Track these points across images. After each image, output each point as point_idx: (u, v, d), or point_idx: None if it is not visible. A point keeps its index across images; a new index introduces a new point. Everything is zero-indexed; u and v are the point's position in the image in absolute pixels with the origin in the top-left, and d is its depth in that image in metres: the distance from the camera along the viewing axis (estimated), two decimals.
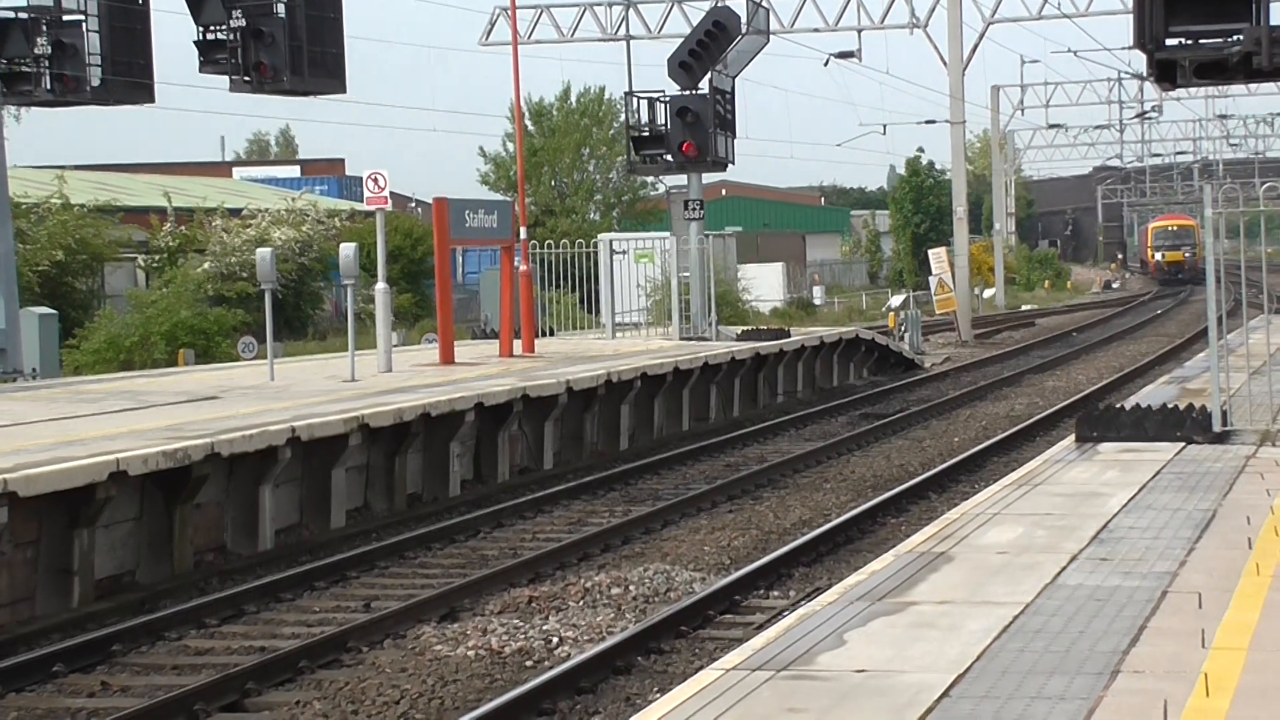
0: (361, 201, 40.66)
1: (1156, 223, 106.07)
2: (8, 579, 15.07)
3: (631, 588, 15.35)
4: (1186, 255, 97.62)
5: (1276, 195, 20.06)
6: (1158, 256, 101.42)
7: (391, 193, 27.27)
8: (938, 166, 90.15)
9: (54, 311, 33.70)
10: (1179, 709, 7.97)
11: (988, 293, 75.38)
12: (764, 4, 38.33)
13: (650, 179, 73.23)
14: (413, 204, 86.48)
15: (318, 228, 50.60)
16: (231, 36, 25.17)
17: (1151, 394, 22.30)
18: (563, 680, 12.07)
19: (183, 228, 49.15)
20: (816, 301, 71.78)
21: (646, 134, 35.17)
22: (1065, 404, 30.56)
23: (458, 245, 36.47)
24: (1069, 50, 69.82)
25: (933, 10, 52.56)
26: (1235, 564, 11.13)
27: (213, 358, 36.26)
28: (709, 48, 34.32)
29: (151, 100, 27.40)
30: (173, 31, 28.02)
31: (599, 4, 51.80)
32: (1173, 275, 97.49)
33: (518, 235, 31.20)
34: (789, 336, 34.71)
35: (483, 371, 26.55)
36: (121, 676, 13.30)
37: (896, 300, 60.28)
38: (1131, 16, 14.74)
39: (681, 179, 37.26)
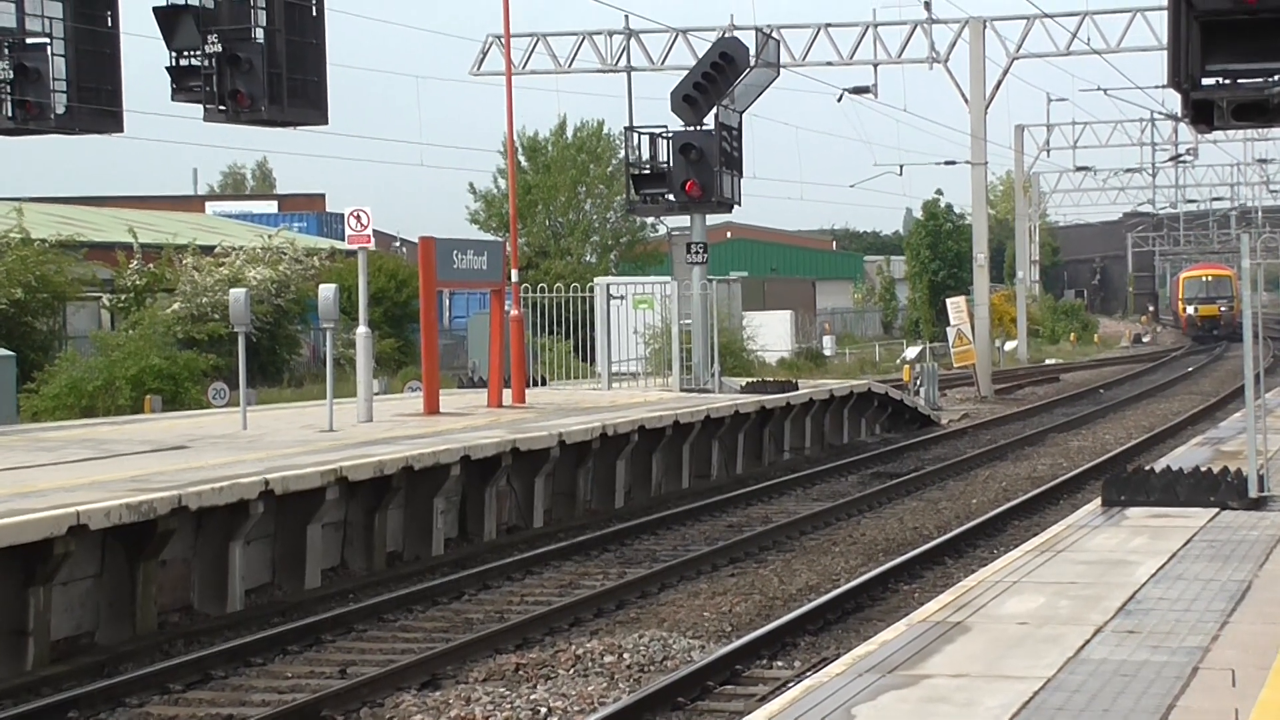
0: (343, 240, 40.66)
1: (1188, 272, 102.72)
2: None
3: (626, 655, 15.33)
4: (1223, 310, 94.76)
5: None
6: (1189, 311, 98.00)
7: (375, 231, 27.33)
8: (957, 210, 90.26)
9: (11, 353, 33.70)
10: None
11: (1009, 345, 75.45)
12: (774, 35, 38.48)
13: (651, 220, 73.26)
14: (397, 243, 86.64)
15: (295, 267, 50.66)
16: (206, 63, 25.21)
17: (1183, 456, 22.30)
18: None
19: (151, 265, 49.19)
20: (826, 352, 71.83)
21: (647, 172, 35.23)
22: (1091, 465, 30.57)
23: (445, 288, 36.55)
24: (1098, 88, 69.91)
25: (954, 44, 52.77)
26: (1272, 639, 11.12)
27: (181, 404, 36.25)
28: (715, 81, 34.42)
29: (120, 129, 27.43)
30: (144, 57, 28.13)
31: (598, 33, 52.02)
32: (1206, 332, 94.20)
33: (509, 278, 31.26)
34: (796, 389, 34.74)
35: (470, 423, 26.56)
36: None
37: (912, 352, 60.34)
38: (1165, 53, 14.80)
39: (684, 220, 37.37)
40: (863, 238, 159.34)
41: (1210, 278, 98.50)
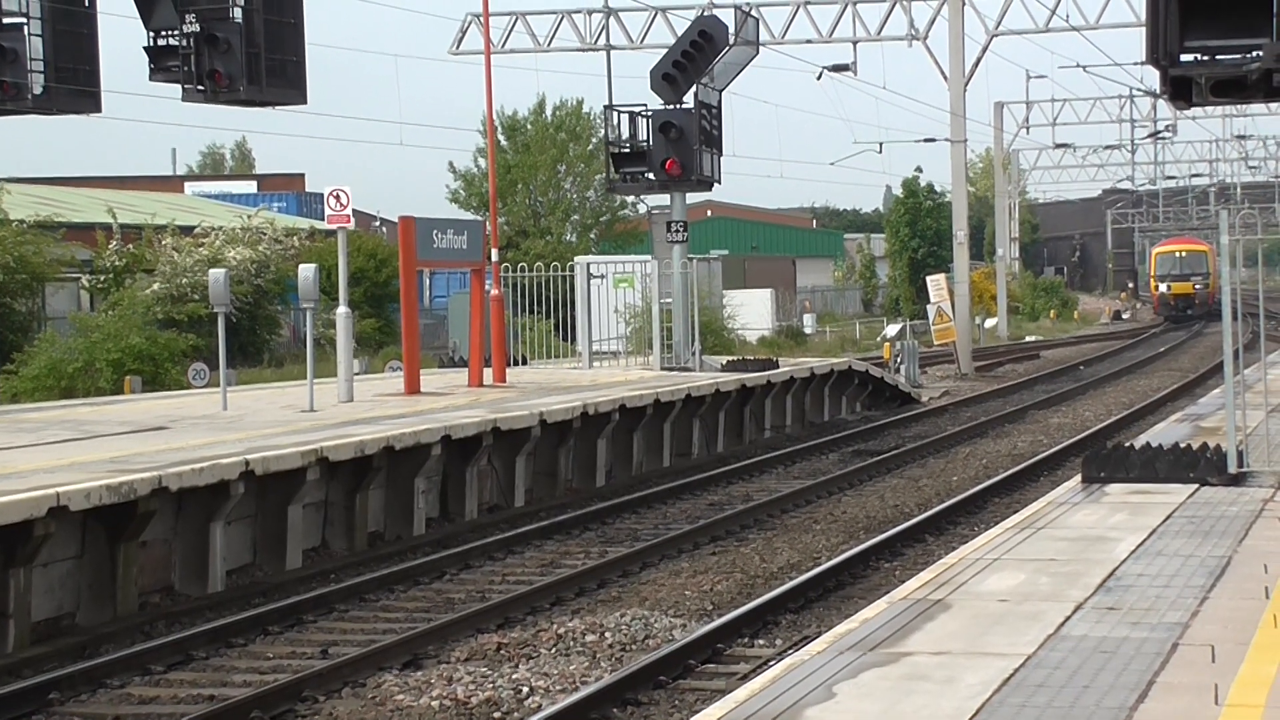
0: (322, 219, 40.57)
1: (1161, 247, 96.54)
2: None
3: (607, 634, 15.35)
4: (1197, 287, 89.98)
5: None
6: (1162, 288, 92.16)
7: (354, 210, 27.27)
8: (937, 188, 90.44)
9: None
10: None
11: (989, 322, 75.52)
12: (753, 13, 38.44)
13: (631, 198, 73.46)
14: (377, 223, 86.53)
15: (275, 247, 50.60)
16: (184, 42, 25.13)
17: (1163, 432, 22.35)
18: None
19: (130, 246, 49.10)
20: (807, 330, 71.90)
21: (627, 150, 35.20)
22: (1071, 442, 30.62)
23: (425, 267, 36.51)
24: (1078, 65, 69.98)
25: (933, 21, 52.76)
26: (1251, 615, 11.15)
27: (161, 385, 36.21)
28: (694, 59, 34.39)
29: (98, 109, 27.35)
30: (121, 36, 28.02)
31: (577, 11, 51.96)
32: (1180, 311, 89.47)
33: (489, 257, 31.23)
34: (777, 367, 34.76)
35: (450, 402, 26.55)
36: None
37: (892, 330, 60.41)
38: (1144, 30, 14.78)
39: (664, 199, 37.38)
40: (843, 216, 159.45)
41: (1184, 253, 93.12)
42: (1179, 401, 37.39)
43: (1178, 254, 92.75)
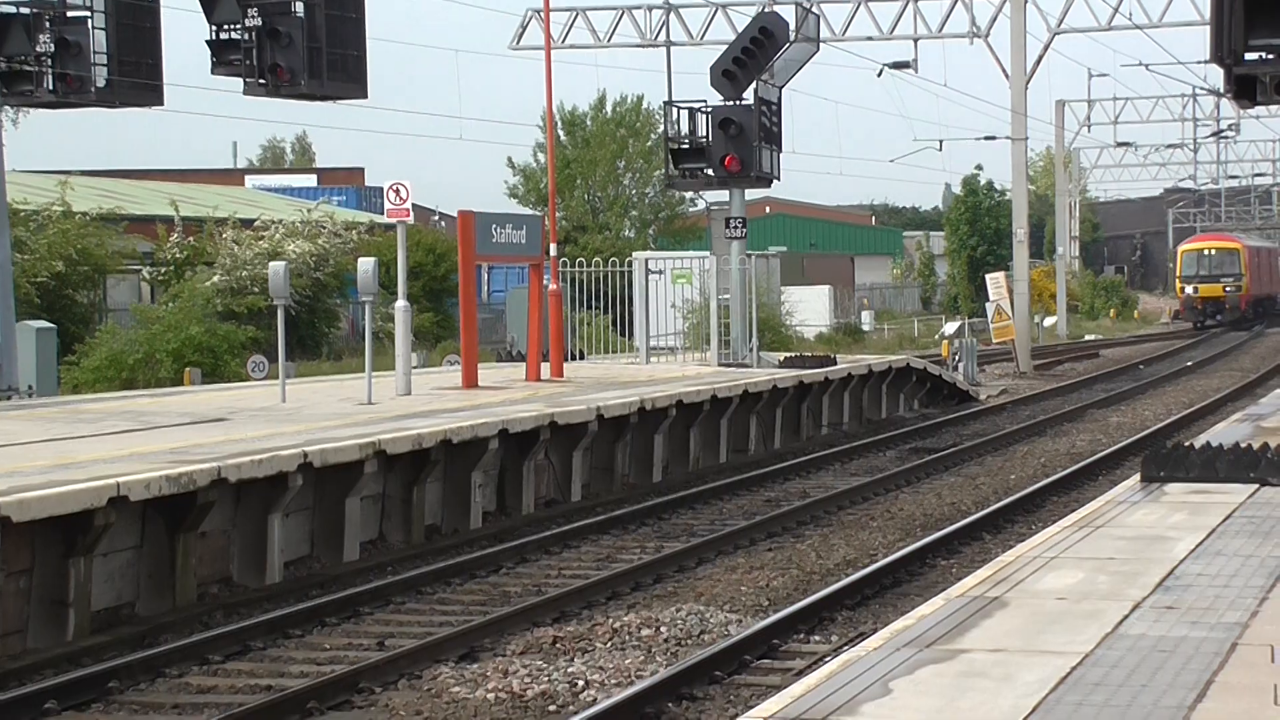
0: (381, 214, 40.67)
1: (1188, 244, 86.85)
2: None
3: (663, 629, 15.35)
4: (1228, 289, 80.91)
5: None
6: (1188, 290, 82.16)
7: (414, 205, 27.35)
8: (997, 186, 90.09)
9: (53, 326, 33.84)
10: None
11: (1049, 321, 75.26)
12: (814, 10, 38.39)
13: (690, 194, 73.29)
14: (436, 217, 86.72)
15: (334, 241, 50.76)
16: (246, 37, 25.26)
17: (1223, 432, 22.23)
18: None
19: (191, 239, 49.35)
20: (865, 327, 71.76)
21: (686, 146, 35.20)
22: (1130, 441, 30.49)
23: (483, 262, 36.52)
24: (1140, 63, 69.61)
25: (994, 19, 52.56)
26: None
27: (220, 377, 36.37)
28: (754, 55, 34.36)
29: (160, 103, 27.53)
30: (184, 30, 28.20)
31: (638, 7, 51.94)
32: (1208, 316, 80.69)
33: (547, 252, 31.26)
34: (835, 364, 34.70)
35: (508, 396, 26.58)
36: (118, 715, 13.34)
37: (951, 328, 60.19)
38: (1208, 28, 14.71)
39: (723, 195, 37.27)
40: (902, 213, 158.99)
41: (1213, 251, 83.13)
42: (1239, 401, 37.18)
43: (1206, 252, 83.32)
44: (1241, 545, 13.75)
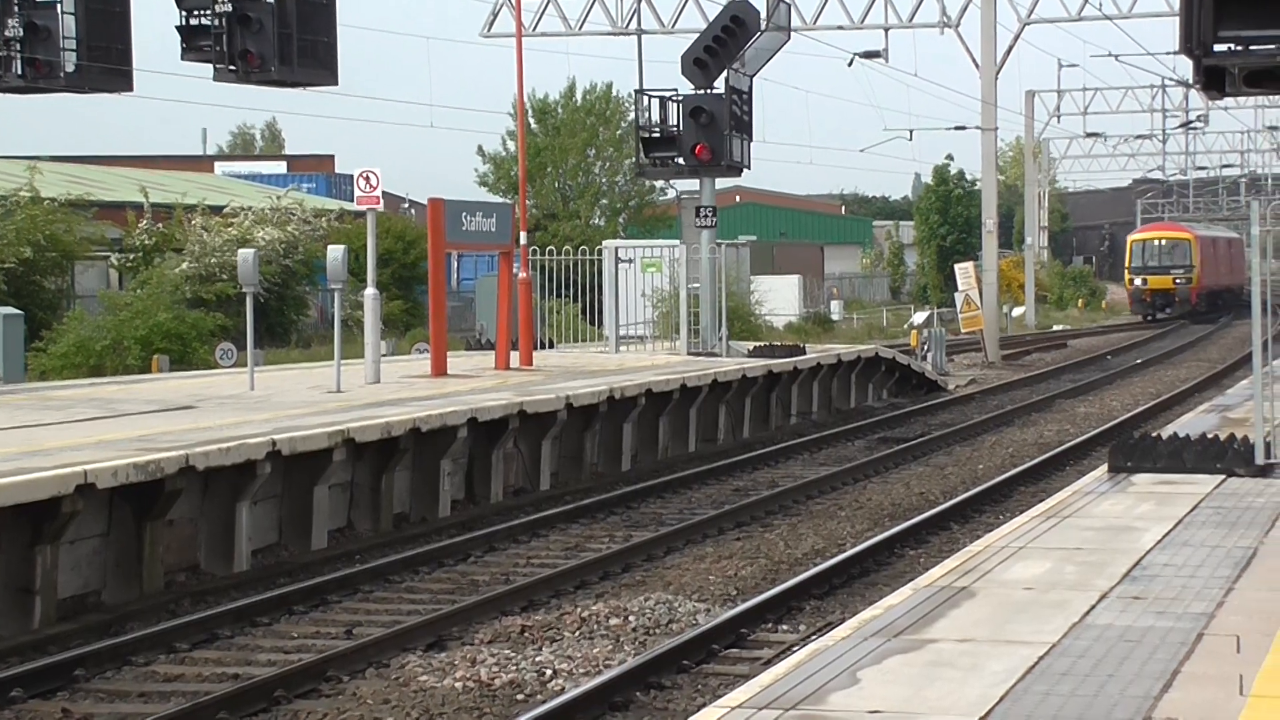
0: (351, 201, 40.56)
1: (1138, 234, 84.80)
2: None
3: (631, 618, 15.36)
4: (1178, 281, 78.94)
5: None
6: (1137, 282, 79.66)
7: (383, 192, 27.30)
8: (967, 176, 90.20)
9: (19, 312, 33.72)
10: None
11: (1017, 311, 75.41)
12: None
13: (660, 183, 73.38)
14: (406, 205, 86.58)
15: (304, 228, 50.62)
16: (216, 22, 25.13)
17: (1190, 423, 22.29)
18: (556, 716, 12.06)
19: (160, 225, 49.16)
20: (834, 317, 71.82)
21: (657, 135, 35.15)
22: (1098, 431, 30.56)
23: (453, 249, 36.50)
24: (1109, 54, 69.77)
25: (965, 9, 52.58)
26: (1277, 605, 11.12)
27: (189, 364, 36.27)
28: (726, 44, 34.33)
29: (130, 88, 27.37)
30: (154, 15, 28.05)
31: None
32: (1157, 308, 78.84)
33: (517, 240, 31.22)
34: (804, 354, 34.72)
35: (477, 385, 26.56)
36: (84, 703, 13.29)
37: (920, 317, 60.38)
38: (1178, 19, 14.73)
39: (693, 184, 37.32)
40: (872, 203, 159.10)
41: (1163, 241, 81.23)
42: (1206, 392, 37.29)
43: (1157, 242, 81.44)
44: (1208, 536, 13.79)
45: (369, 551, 19.70)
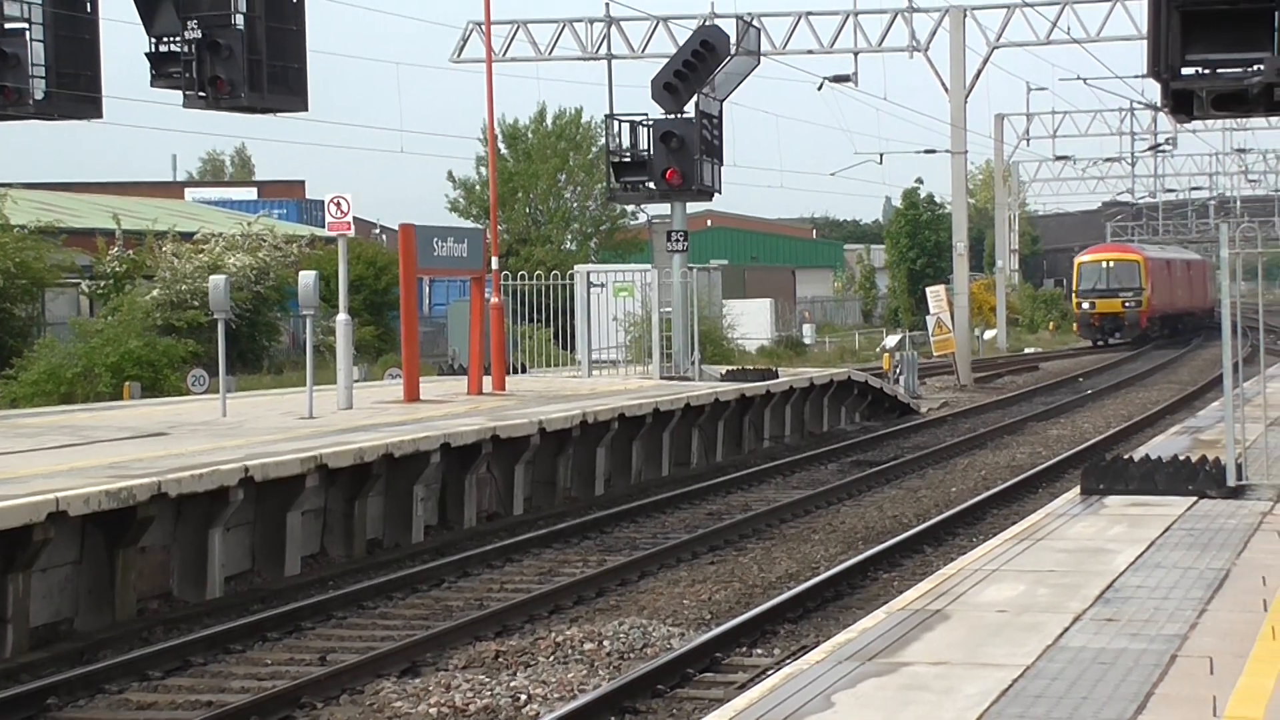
0: (322, 227, 40.53)
1: (1084, 256, 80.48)
2: None
3: (605, 643, 15.34)
4: (1128, 305, 75.40)
5: None
6: (1084, 305, 76.35)
7: (355, 218, 27.28)
8: (937, 199, 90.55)
9: None
10: None
11: (989, 334, 75.53)
12: (755, 23, 38.48)
13: (631, 208, 73.42)
14: (377, 230, 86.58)
15: (275, 254, 50.56)
16: (186, 49, 25.13)
17: (1162, 445, 22.35)
18: None
19: (131, 252, 49.06)
20: (806, 340, 71.94)
21: (628, 159, 35.22)
22: (1070, 454, 30.62)
23: (425, 275, 36.52)
24: (1078, 78, 70.02)
25: (934, 33, 52.80)
26: (1249, 627, 11.16)
27: (160, 391, 36.19)
28: (696, 69, 34.42)
29: (99, 115, 27.35)
30: (123, 42, 28.02)
31: (579, 20, 51.92)
32: (1106, 333, 75.83)
33: (489, 265, 31.23)
34: (777, 377, 34.76)
35: (450, 410, 26.54)
36: None
37: (892, 340, 60.47)
38: (1145, 43, 14.81)
39: (664, 208, 37.32)
40: (843, 226, 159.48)
41: (1111, 263, 77.45)
42: (1178, 414, 37.39)
43: (1104, 264, 77.67)
44: (1180, 557, 13.83)
45: (342, 577, 19.66)
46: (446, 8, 72.96)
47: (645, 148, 34.90)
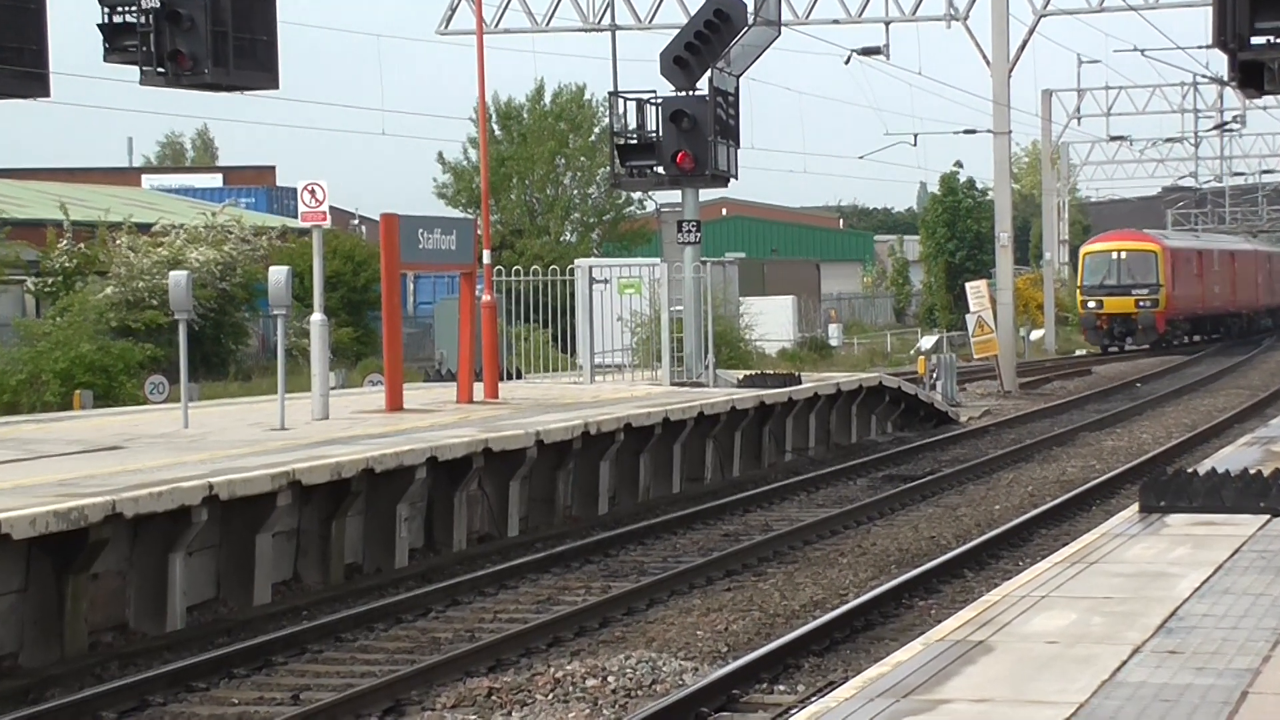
0: (295, 217, 40.57)
1: (1091, 245, 75.91)
2: None
3: (610, 679, 15.35)
4: (1142, 304, 70.79)
5: None
6: (1090, 304, 71.93)
7: (331, 207, 27.32)
8: (978, 184, 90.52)
9: None
10: None
11: (1035, 334, 75.55)
12: None
13: (637, 195, 73.50)
14: (356, 221, 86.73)
15: (242, 247, 50.67)
16: (143, 20, 25.13)
17: (1230, 457, 22.33)
18: None
19: (82, 245, 49.17)
20: (833, 342, 72.00)
21: (634, 141, 35.24)
22: (1127, 468, 30.63)
23: (409, 270, 36.60)
24: (1135, 49, 70.00)
25: (974, 0, 52.78)
26: None
27: (115, 400, 36.25)
28: (709, 41, 34.43)
29: (46, 94, 27.34)
30: (73, 13, 28.07)
31: None
32: (1116, 337, 71.59)
33: (480, 259, 31.25)
34: (800, 383, 34.76)
35: (437, 420, 26.57)
36: None
37: (927, 342, 60.49)
38: (1210, 10, 14.80)
39: (675, 195, 37.38)
40: (873, 215, 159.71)
41: (1122, 254, 72.26)
42: (1247, 423, 37.40)
43: (1114, 255, 72.57)
44: (1251, 583, 13.81)
45: (318, 606, 19.67)
46: None
47: (653, 129, 34.91)
